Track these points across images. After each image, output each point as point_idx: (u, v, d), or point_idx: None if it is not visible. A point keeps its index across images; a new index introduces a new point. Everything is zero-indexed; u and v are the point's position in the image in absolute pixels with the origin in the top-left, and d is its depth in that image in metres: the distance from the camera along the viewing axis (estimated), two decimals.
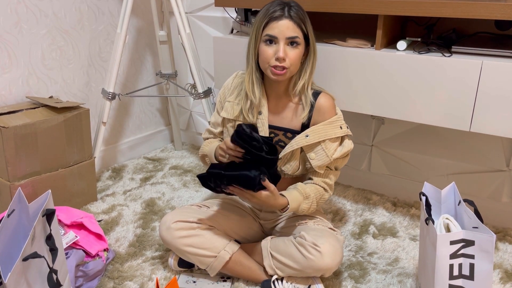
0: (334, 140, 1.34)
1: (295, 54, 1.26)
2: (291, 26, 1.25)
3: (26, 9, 1.77)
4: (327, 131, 1.33)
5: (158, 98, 2.47)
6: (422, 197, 1.23)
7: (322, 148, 1.33)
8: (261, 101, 1.38)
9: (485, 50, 1.33)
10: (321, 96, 1.36)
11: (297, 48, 1.27)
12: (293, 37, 1.25)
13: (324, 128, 1.33)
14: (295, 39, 1.25)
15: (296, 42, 1.26)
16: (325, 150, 1.33)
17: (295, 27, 1.25)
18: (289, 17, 1.25)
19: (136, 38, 2.25)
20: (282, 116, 1.39)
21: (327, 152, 1.33)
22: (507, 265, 1.49)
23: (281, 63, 1.26)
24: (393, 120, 1.87)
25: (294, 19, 1.25)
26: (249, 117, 1.39)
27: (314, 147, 1.33)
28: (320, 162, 1.33)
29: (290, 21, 1.25)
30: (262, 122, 1.38)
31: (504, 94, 1.26)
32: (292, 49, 1.26)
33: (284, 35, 1.25)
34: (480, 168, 1.74)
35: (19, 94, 1.82)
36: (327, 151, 1.33)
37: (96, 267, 1.39)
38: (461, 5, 1.26)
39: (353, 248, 1.59)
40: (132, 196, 1.95)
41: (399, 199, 1.92)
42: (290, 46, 1.26)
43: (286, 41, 1.25)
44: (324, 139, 1.32)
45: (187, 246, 1.34)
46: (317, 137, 1.32)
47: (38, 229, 1.01)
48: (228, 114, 1.42)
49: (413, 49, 1.43)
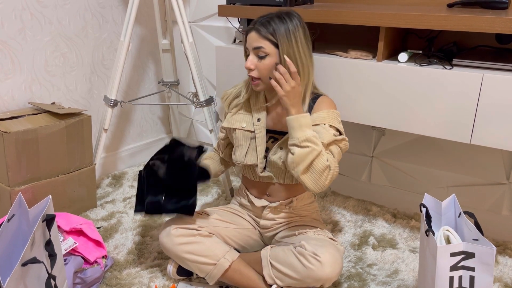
0: (334, 129, 1.34)
1: (263, 65, 1.30)
2: (255, 37, 1.30)
3: (30, 16, 1.78)
4: (328, 118, 1.34)
5: (159, 106, 2.48)
6: (423, 209, 1.23)
7: (322, 128, 1.32)
8: (260, 108, 1.42)
9: (485, 64, 1.33)
10: (322, 97, 1.40)
11: (265, 59, 1.30)
12: (257, 47, 1.29)
13: (325, 114, 1.34)
14: (260, 50, 1.29)
15: (264, 52, 1.29)
16: (325, 128, 1.32)
17: (260, 38, 1.29)
18: (255, 29, 1.30)
19: (139, 46, 2.27)
20: (283, 122, 1.41)
21: (327, 130, 1.31)
22: (507, 278, 1.49)
23: (249, 73, 1.33)
24: (393, 132, 1.87)
25: (259, 31, 1.29)
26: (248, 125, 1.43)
27: (315, 129, 1.32)
28: (323, 139, 1.29)
29: (255, 33, 1.30)
30: (259, 129, 1.41)
31: (504, 107, 1.26)
32: (261, 60, 1.30)
33: (251, 46, 1.31)
34: (480, 180, 1.74)
35: (21, 100, 1.83)
36: (327, 130, 1.32)
37: (94, 274, 1.38)
38: (462, 18, 1.27)
39: (353, 259, 1.58)
40: (132, 204, 1.95)
41: (399, 210, 1.92)
42: (258, 57, 1.30)
43: (254, 52, 1.31)
44: (325, 123, 1.33)
45: (187, 253, 1.34)
46: (317, 121, 1.33)
47: (38, 234, 1.01)
48: (229, 124, 1.47)
49: (414, 61, 1.44)
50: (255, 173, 1.46)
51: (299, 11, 1.53)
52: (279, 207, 1.47)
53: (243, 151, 1.44)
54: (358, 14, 1.42)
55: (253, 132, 1.42)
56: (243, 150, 1.44)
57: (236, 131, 1.45)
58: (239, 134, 1.45)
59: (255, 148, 1.42)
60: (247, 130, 1.43)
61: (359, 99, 1.50)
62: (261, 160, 1.41)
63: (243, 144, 1.44)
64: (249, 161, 1.43)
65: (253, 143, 1.43)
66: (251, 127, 1.43)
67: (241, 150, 1.44)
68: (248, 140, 1.43)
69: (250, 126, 1.43)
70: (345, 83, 1.51)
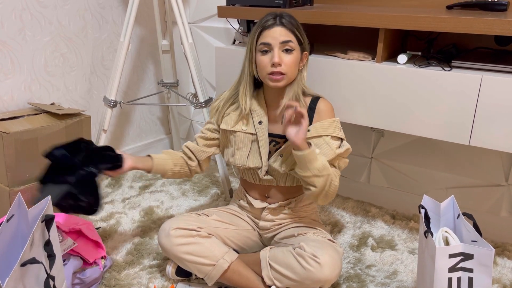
0: (335, 139, 1.35)
1: (290, 60, 1.30)
2: (283, 32, 1.29)
3: (30, 16, 1.78)
4: (329, 128, 1.35)
5: (159, 107, 2.48)
6: (421, 210, 1.23)
7: (325, 142, 1.33)
8: (261, 111, 1.41)
9: (484, 65, 1.34)
10: (321, 101, 1.40)
11: (292, 54, 1.30)
12: (287, 41, 1.29)
13: (326, 125, 1.35)
14: (288, 44, 1.29)
15: (290, 46, 1.29)
16: (328, 144, 1.33)
17: (288, 33, 1.29)
18: (281, 24, 1.30)
19: (139, 47, 2.27)
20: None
21: (330, 146, 1.33)
22: (505, 280, 1.49)
23: (277, 69, 1.29)
24: (392, 133, 1.88)
25: (286, 26, 1.30)
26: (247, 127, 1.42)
27: (315, 141, 1.33)
28: (325, 157, 1.32)
29: (282, 27, 1.29)
30: (262, 131, 1.40)
31: (503, 109, 1.27)
32: (287, 54, 1.30)
33: (278, 41, 1.29)
34: (479, 182, 1.75)
35: (21, 100, 1.83)
36: (330, 145, 1.33)
37: (93, 275, 1.39)
38: (461, 20, 1.27)
39: (352, 260, 1.58)
40: (131, 204, 1.95)
41: (398, 212, 1.92)
42: (285, 52, 1.30)
43: (280, 46, 1.29)
44: (327, 135, 1.33)
45: (186, 253, 1.34)
46: (318, 132, 1.34)
47: (37, 234, 1.01)
48: (228, 126, 1.45)
49: (414, 63, 1.44)
50: (256, 176, 1.45)
51: (299, 12, 1.54)
52: (278, 208, 1.47)
53: (244, 154, 1.43)
54: (358, 15, 1.43)
55: (255, 135, 1.41)
56: (243, 152, 1.43)
57: (236, 134, 1.44)
58: (240, 137, 1.43)
59: (257, 151, 1.41)
60: (248, 133, 1.42)
61: (358, 101, 1.50)
62: (265, 163, 1.40)
63: (244, 147, 1.43)
64: (251, 164, 1.42)
65: (254, 146, 1.42)
66: (252, 130, 1.41)
67: (242, 153, 1.43)
68: (249, 143, 1.42)
69: (251, 128, 1.42)
70: (344, 85, 1.51)
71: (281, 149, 1.38)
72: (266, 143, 1.40)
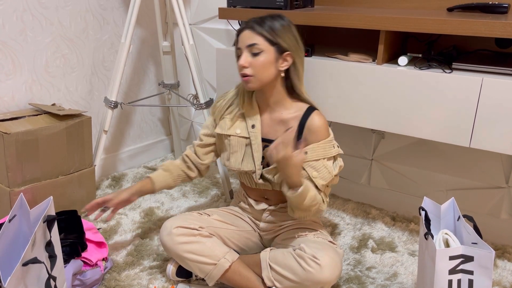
0: (330, 158, 1.36)
1: (257, 62, 1.30)
2: (250, 35, 1.30)
3: (32, 17, 1.79)
4: (326, 150, 1.35)
5: (159, 108, 2.48)
6: (422, 212, 1.23)
7: (323, 166, 1.34)
8: (254, 115, 1.41)
9: (485, 67, 1.34)
10: (315, 115, 1.36)
11: (260, 56, 1.30)
12: (251, 44, 1.29)
13: (323, 147, 1.35)
14: (254, 46, 1.29)
15: (257, 49, 1.29)
16: (326, 167, 1.35)
17: (254, 35, 1.29)
18: (249, 27, 1.31)
19: (140, 48, 2.27)
20: (275, 129, 1.40)
21: (329, 169, 1.35)
22: (506, 282, 1.49)
23: (243, 71, 1.32)
24: (393, 135, 1.88)
25: (254, 29, 1.30)
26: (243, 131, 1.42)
27: (314, 164, 1.34)
28: (323, 181, 1.34)
29: (249, 30, 1.30)
30: (255, 135, 1.40)
31: (504, 111, 1.27)
32: (255, 57, 1.30)
33: (245, 44, 1.31)
34: (479, 184, 1.75)
35: (22, 101, 1.83)
36: (328, 168, 1.35)
37: (94, 276, 1.39)
38: (462, 22, 1.27)
39: (352, 262, 1.59)
40: (131, 205, 1.95)
41: (398, 214, 1.92)
42: (252, 54, 1.30)
43: (247, 50, 1.31)
44: (324, 158, 1.35)
45: (187, 252, 1.34)
46: (316, 156, 1.34)
47: (39, 235, 1.01)
48: (222, 130, 1.45)
49: (414, 65, 1.44)
50: (252, 180, 1.45)
51: (300, 14, 1.54)
52: (279, 210, 1.47)
53: (239, 157, 1.43)
54: (358, 17, 1.43)
55: (248, 139, 1.42)
56: (238, 156, 1.43)
57: (230, 138, 1.44)
58: (234, 141, 1.43)
59: (251, 155, 1.42)
60: (242, 136, 1.42)
61: (359, 103, 1.50)
62: (259, 166, 1.41)
63: (238, 151, 1.43)
64: (246, 167, 1.42)
65: (248, 150, 1.42)
66: (245, 134, 1.42)
67: (236, 157, 1.43)
68: (243, 147, 1.43)
69: (244, 132, 1.42)
70: (345, 86, 1.51)
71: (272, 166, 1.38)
72: (259, 147, 1.40)
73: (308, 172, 1.34)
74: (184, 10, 1.88)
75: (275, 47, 1.30)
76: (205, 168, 1.56)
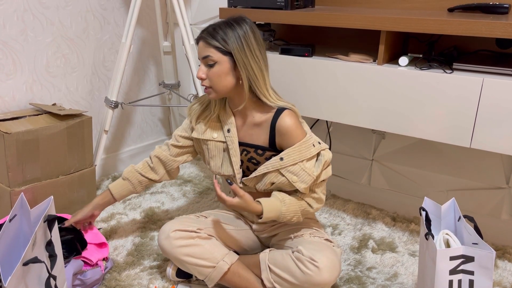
0: (310, 159, 1.30)
1: (212, 73, 1.27)
2: (203, 46, 1.28)
3: (32, 17, 1.79)
4: (302, 153, 1.29)
5: (160, 108, 2.48)
6: (422, 212, 1.23)
7: (301, 169, 1.28)
8: (228, 119, 1.39)
9: (486, 68, 1.34)
10: (284, 115, 1.31)
11: (214, 67, 1.27)
12: (205, 56, 1.27)
13: (299, 150, 1.29)
14: (208, 58, 1.27)
15: (211, 60, 1.26)
16: (305, 170, 1.28)
17: (207, 47, 1.26)
18: (202, 38, 1.28)
19: (140, 48, 2.28)
20: (250, 133, 1.38)
21: (308, 172, 1.29)
22: (506, 283, 1.49)
23: (202, 83, 1.31)
24: (393, 135, 1.88)
25: (206, 40, 1.27)
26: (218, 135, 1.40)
27: (291, 169, 1.29)
28: (304, 184, 1.29)
29: (202, 42, 1.28)
30: (231, 140, 1.38)
31: (504, 111, 1.27)
32: (210, 68, 1.28)
33: (200, 56, 1.29)
34: (480, 184, 1.75)
35: (22, 101, 1.83)
36: (307, 170, 1.28)
37: (94, 276, 1.39)
38: (462, 23, 1.27)
39: (352, 262, 1.58)
40: (132, 205, 1.95)
41: (398, 214, 1.92)
42: (208, 66, 1.28)
43: (203, 61, 1.29)
44: (302, 160, 1.29)
45: (186, 255, 1.34)
46: (292, 160, 1.29)
47: (39, 234, 1.01)
48: (199, 134, 1.42)
49: (415, 65, 1.44)
50: (236, 183, 1.42)
51: (301, 14, 1.54)
52: None
53: (218, 162, 1.41)
54: (359, 17, 1.43)
55: (225, 143, 1.39)
56: (217, 161, 1.41)
57: (208, 143, 1.41)
58: (211, 145, 1.41)
59: (229, 159, 1.39)
60: (218, 141, 1.40)
61: (359, 103, 1.50)
62: (238, 171, 1.38)
63: (216, 155, 1.41)
64: (226, 172, 1.40)
65: (226, 154, 1.40)
66: (222, 138, 1.39)
67: (215, 161, 1.41)
68: (221, 151, 1.40)
69: (221, 137, 1.39)
70: (346, 87, 1.51)
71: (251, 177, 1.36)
72: (237, 151, 1.38)
73: (287, 178, 1.29)
74: (184, 10, 1.88)
75: (228, 56, 1.26)
76: (176, 169, 1.54)
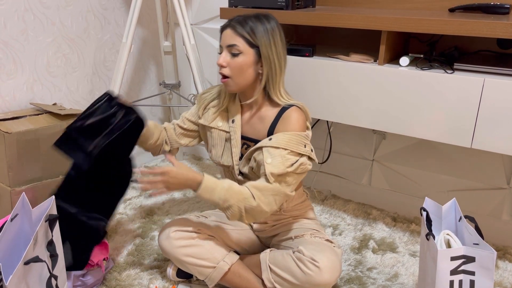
0: (295, 154, 1.26)
1: (235, 63, 1.27)
2: (230, 34, 1.27)
3: (33, 17, 1.79)
4: (289, 142, 1.25)
5: (160, 108, 2.48)
6: (423, 212, 1.23)
7: (280, 155, 1.24)
8: (235, 111, 1.39)
9: (487, 68, 1.34)
10: (293, 109, 1.30)
11: (238, 57, 1.27)
12: (231, 45, 1.27)
13: (289, 138, 1.25)
14: (233, 47, 1.26)
15: (237, 50, 1.26)
16: (283, 158, 1.24)
17: (235, 36, 1.26)
18: (231, 26, 1.28)
19: (141, 48, 2.28)
20: (254, 128, 1.38)
21: (284, 161, 1.24)
22: (507, 283, 1.49)
23: (220, 71, 1.29)
24: (394, 135, 1.88)
25: (235, 28, 1.27)
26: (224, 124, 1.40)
27: (271, 151, 1.25)
28: (274, 168, 1.23)
29: (230, 30, 1.27)
30: (234, 130, 1.38)
31: (505, 111, 1.27)
32: (233, 57, 1.27)
33: (225, 44, 1.28)
34: (481, 185, 1.75)
35: (23, 101, 1.83)
36: (284, 160, 1.24)
37: (95, 276, 1.38)
38: (463, 23, 1.27)
39: (353, 262, 1.58)
40: (132, 205, 1.95)
41: (399, 214, 1.92)
42: (232, 55, 1.28)
43: (227, 49, 1.28)
44: (286, 149, 1.25)
45: (186, 256, 1.34)
46: (278, 144, 1.25)
47: (41, 234, 1.01)
48: (206, 121, 1.43)
49: (416, 65, 1.44)
50: (233, 177, 1.43)
51: (301, 14, 1.54)
52: None
53: (219, 151, 1.42)
54: (360, 18, 1.43)
55: (228, 133, 1.40)
56: (218, 150, 1.42)
57: (212, 130, 1.42)
58: (215, 133, 1.42)
59: (230, 149, 1.40)
60: (222, 130, 1.41)
61: (360, 103, 1.50)
62: (237, 162, 1.39)
63: (218, 144, 1.42)
64: (225, 162, 1.41)
65: (228, 144, 1.41)
66: (226, 128, 1.40)
67: (217, 150, 1.42)
68: (223, 141, 1.41)
69: (225, 126, 1.40)
70: (346, 87, 1.51)
71: (247, 153, 1.33)
72: (238, 143, 1.38)
73: (264, 156, 1.26)
74: (185, 10, 1.88)
75: (254, 49, 1.27)
76: (176, 148, 1.53)
